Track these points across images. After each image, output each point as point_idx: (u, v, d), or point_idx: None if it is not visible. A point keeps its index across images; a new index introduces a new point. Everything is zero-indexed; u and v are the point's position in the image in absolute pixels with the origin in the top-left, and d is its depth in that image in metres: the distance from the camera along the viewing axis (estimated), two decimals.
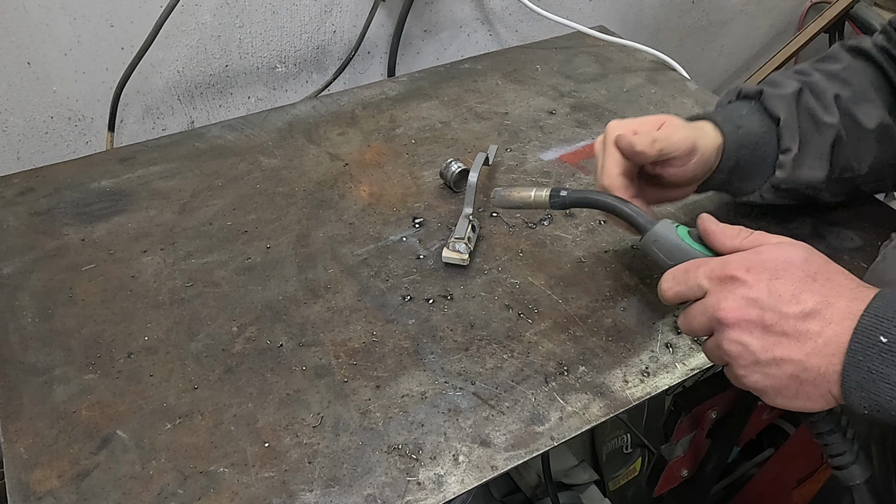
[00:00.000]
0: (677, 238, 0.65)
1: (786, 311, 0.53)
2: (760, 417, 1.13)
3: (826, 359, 0.52)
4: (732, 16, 1.78)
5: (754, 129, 0.78)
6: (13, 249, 0.83)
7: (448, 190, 0.93)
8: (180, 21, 1.06)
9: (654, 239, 0.66)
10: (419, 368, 0.72)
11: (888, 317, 0.50)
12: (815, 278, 0.54)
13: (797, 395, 0.54)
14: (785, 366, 0.54)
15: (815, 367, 0.52)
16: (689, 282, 0.60)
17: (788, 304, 0.53)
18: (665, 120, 0.74)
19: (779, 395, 0.55)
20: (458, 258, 0.81)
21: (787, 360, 0.53)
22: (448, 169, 0.92)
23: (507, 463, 0.64)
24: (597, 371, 0.72)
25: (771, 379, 0.55)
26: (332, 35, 1.22)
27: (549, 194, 0.71)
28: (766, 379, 0.55)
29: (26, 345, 0.72)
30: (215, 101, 1.18)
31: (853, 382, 0.51)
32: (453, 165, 0.92)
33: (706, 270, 0.58)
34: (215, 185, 0.93)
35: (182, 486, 0.61)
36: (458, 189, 0.93)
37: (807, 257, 0.56)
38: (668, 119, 0.74)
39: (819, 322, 0.53)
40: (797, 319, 0.53)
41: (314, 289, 0.79)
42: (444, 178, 0.93)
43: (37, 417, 0.66)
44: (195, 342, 0.73)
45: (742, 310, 0.55)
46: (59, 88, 1.03)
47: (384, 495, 0.61)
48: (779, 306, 0.54)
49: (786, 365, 0.53)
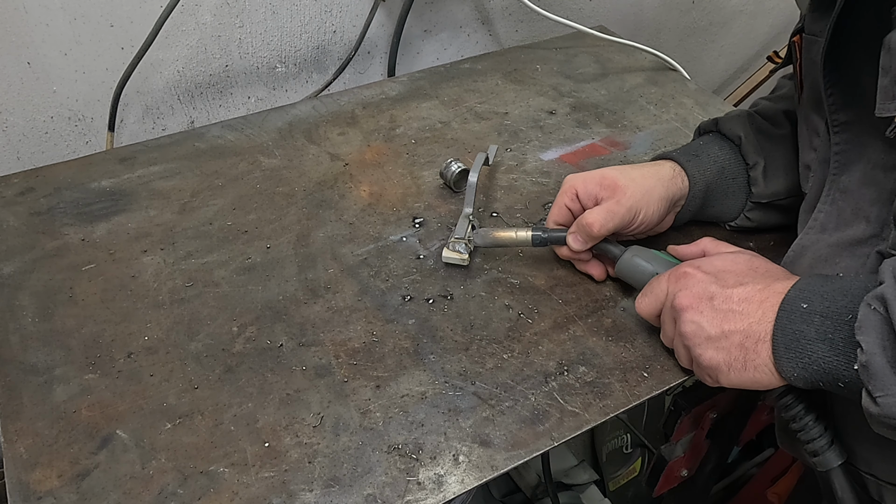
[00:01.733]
0: (651, 253, 0.75)
1: (731, 292, 0.63)
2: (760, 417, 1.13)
3: (763, 325, 0.60)
4: (732, 16, 1.77)
5: (714, 154, 0.83)
6: (13, 249, 0.83)
7: (448, 190, 0.93)
8: (180, 21, 1.06)
9: (633, 256, 0.75)
10: (419, 368, 0.72)
11: (809, 289, 0.59)
12: (757, 270, 0.66)
13: (745, 367, 0.61)
14: (733, 336, 0.62)
15: (755, 333, 0.60)
16: (656, 291, 0.70)
17: (733, 287, 0.63)
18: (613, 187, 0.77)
19: (731, 368, 0.62)
20: (459, 258, 0.81)
21: (734, 331, 0.61)
22: (448, 169, 0.92)
23: (507, 463, 0.64)
24: (597, 371, 0.72)
25: (723, 352, 0.62)
26: (332, 35, 1.22)
27: (531, 234, 0.78)
28: (718, 353, 0.63)
29: (26, 345, 0.72)
30: (215, 101, 1.18)
31: (781, 345, 0.58)
32: (453, 165, 0.92)
33: (666, 276, 0.69)
34: (215, 185, 0.93)
35: (182, 486, 0.61)
36: (458, 189, 0.93)
37: (751, 259, 0.68)
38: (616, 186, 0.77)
39: (759, 297, 0.61)
40: (741, 298, 0.62)
41: (314, 289, 0.79)
42: (444, 178, 0.93)
43: (37, 417, 0.66)
44: (195, 342, 0.73)
45: (693, 296, 0.65)
46: (59, 88, 1.03)
47: (384, 495, 0.61)
48: (724, 289, 0.63)
49: (733, 336, 0.61)
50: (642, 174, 0.79)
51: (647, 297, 0.71)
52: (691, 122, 1.09)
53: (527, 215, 0.90)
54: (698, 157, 0.83)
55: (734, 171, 0.83)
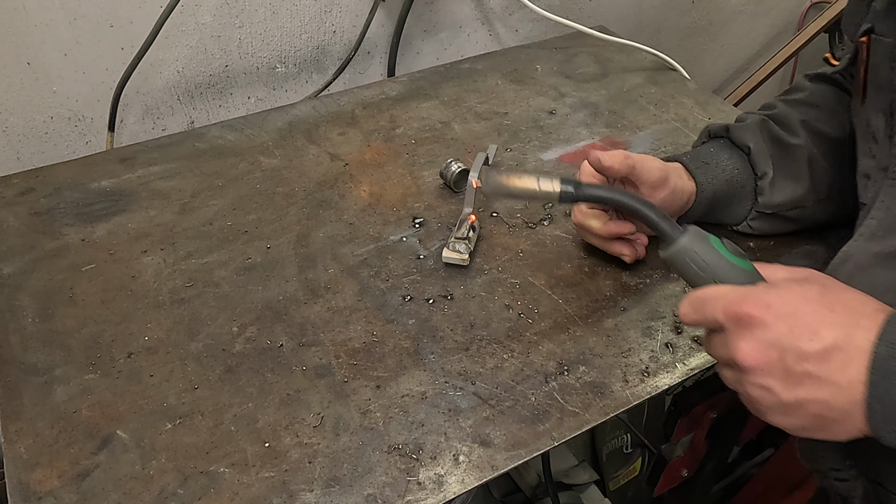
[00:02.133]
0: (712, 249, 0.59)
1: (806, 349, 0.51)
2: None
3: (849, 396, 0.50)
4: (732, 16, 1.77)
5: (723, 163, 0.82)
6: (13, 249, 0.83)
7: (448, 190, 0.93)
8: (180, 21, 1.06)
9: (686, 248, 0.59)
10: (419, 368, 0.72)
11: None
12: (833, 309, 0.52)
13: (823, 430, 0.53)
14: (810, 406, 0.52)
15: (839, 405, 0.51)
16: (706, 314, 0.56)
17: (808, 342, 0.51)
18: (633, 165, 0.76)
19: (805, 431, 0.54)
20: (459, 258, 0.81)
21: (811, 400, 0.52)
22: (448, 169, 0.92)
23: (507, 463, 0.64)
24: (597, 371, 0.72)
25: (797, 419, 0.53)
26: (332, 35, 1.22)
27: (559, 186, 0.62)
28: (791, 419, 0.54)
29: (26, 345, 0.72)
30: (215, 101, 1.18)
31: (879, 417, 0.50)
32: (453, 165, 0.92)
33: (723, 304, 0.55)
34: (215, 185, 0.93)
35: (182, 486, 0.61)
36: (458, 189, 0.93)
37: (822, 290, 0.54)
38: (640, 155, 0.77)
39: (840, 358, 0.50)
40: (818, 358, 0.51)
41: (314, 289, 0.79)
42: (444, 178, 0.93)
43: (37, 417, 0.66)
44: (195, 342, 0.73)
45: (762, 353, 0.52)
46: (59, 88, 1.03)
47: (384, 495, 0.61)
48: (799, 345, 0.51)
49: (810, 405, 0.52)
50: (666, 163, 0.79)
51: (696, 317, 0.58)
52: (691, 122, 1.09)
53: (527, 215, 0.90)
54: (708, 164, 0.82)
55: (742, 180, 0.83)
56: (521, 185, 0.62)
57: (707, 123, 0.89)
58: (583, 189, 0.62)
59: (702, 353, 0.75)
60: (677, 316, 0.62)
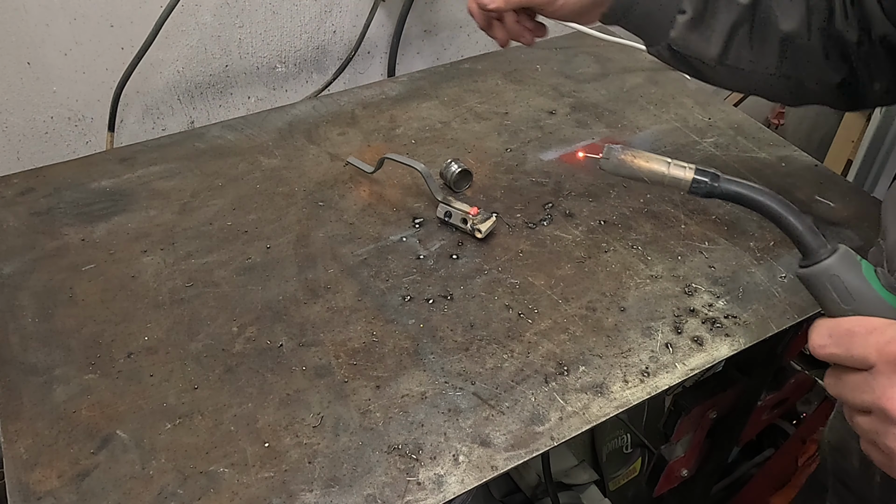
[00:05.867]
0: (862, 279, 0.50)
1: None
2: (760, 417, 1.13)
3: None
4: None
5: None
6: (13, 249, 0.83)
7: (448, 190, 0.93)
8: (180, 21, 1.06)
9: (832, 273, 0.51)
10: (419, 368, 0.72)
11: None
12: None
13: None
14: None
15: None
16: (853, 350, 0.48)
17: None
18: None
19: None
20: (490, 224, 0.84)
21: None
22: (448, 169, 0.92)
23: (507, 463, 0.64)
24: (597, 371, 0.72)
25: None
26: (332, 35, 1.22)
27: (693, 175, 0.54)
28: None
29: (26, 345, 0.72)
30: (215, 101, 1.18)
31: None
32: (453, 165, 0.92)
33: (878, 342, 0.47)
34: (215, 185, 0.93)
35: (182, 486, 0.61)
36: (458, 189, 0.93)
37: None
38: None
39: None
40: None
41: (314, 289, 0.79)
42: (444, 178, 0.93)
43: (37, 417, 0.66)
44: (195, 342, 0.73)
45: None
46: (59, 88, 1.03)
47: (384, 495, 0.61)
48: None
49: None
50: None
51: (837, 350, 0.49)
52: (691, 122, 1.09)
53: (527, 215, 0.90)
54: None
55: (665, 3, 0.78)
56: (649, 167, 0.55)
57: (707, 123, 0.88)
58: (721, 183, 0.53)
59: (702, 354, 0.75)
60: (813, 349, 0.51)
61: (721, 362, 0.76)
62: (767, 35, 0.75)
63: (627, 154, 0.55)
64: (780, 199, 0.52)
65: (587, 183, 0.96)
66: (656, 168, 0.55)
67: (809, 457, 1.29)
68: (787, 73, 0.77)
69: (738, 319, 0.78)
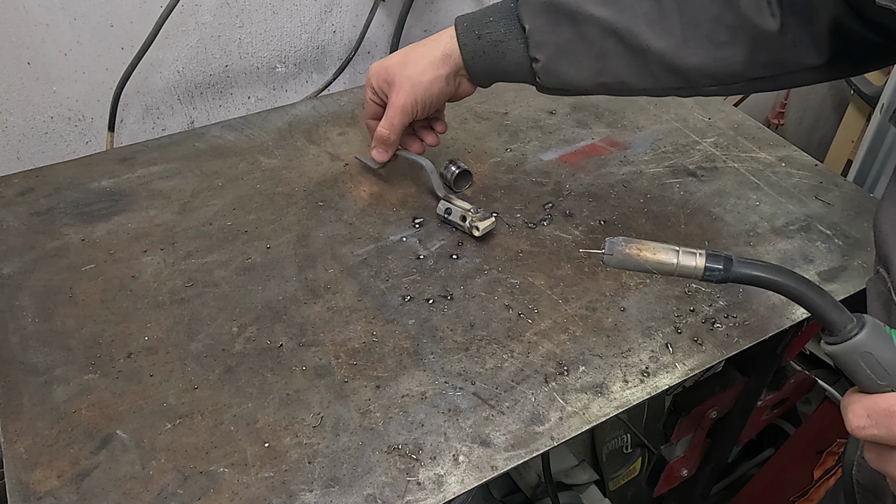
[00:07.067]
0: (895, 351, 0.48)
1: None
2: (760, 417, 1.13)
3: None
4: None
5: (498, 37, 0.78)
6: (13, 249, 0.83)
7: (448, 190, 0.93)
8: (180, 21, 1.06)
9: (863, 350, 0.48)
10: (419, 368, 0.72)
11: None
12: None
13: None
14: None
15: None
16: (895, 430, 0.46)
17: None
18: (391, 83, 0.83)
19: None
20: (490, 223, 0.85)
21: None
22: (448, 169, 0.92)
23: (507, 463, 0.64)
24: (597, 371, 0.72)
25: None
26: (332, 35, 1.22)
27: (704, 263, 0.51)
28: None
29: (26, 345, 0.72)
30: (215, 101, 1.18)
31: None
32: (453, 166, 0.92)
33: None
34: (215, 185, 0.93)
35: (182, 486, 0.61)
36: (457, 189, 0.93)
37: None
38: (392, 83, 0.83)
39: None
40: None
41: (314, 289, 0.79)
42: (444, 178, 0.93)
43: (37, 417, 0.66)
44: (195, 342, 0.73)
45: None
46: (59, 88, 1.03)
47: (384, 495, 0.61)
48: None
49: None
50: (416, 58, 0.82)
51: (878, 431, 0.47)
52: (691, 122, 1.09)
53: (527, 215, 0.90)
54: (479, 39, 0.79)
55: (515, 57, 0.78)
56: (656, 259, 0.51)
57: (707, 123, 0.88)
58: (735, 267, 0.50)
59: (701, 354, 0.75)
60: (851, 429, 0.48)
61: (721, 362, 0.76)
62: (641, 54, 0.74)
63: (632, 247, 0.51)
64: (799, 277, 0.50)
65: (587, 183, 0.96)
66: (664, 259, 0.51)
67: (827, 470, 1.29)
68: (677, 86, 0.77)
69: (738, 319, 0.78)
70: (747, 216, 0.92)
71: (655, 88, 0.77)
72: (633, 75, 0.75)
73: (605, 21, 0.73)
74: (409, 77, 0.82)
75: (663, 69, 0.74)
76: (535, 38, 0.76)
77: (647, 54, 0.73)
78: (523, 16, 0.76)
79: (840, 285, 0.83)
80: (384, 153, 0.89)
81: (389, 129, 0.85)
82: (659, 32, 0.72)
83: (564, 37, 0.75)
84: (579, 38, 0.75)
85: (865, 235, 0.90)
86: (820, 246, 0.88)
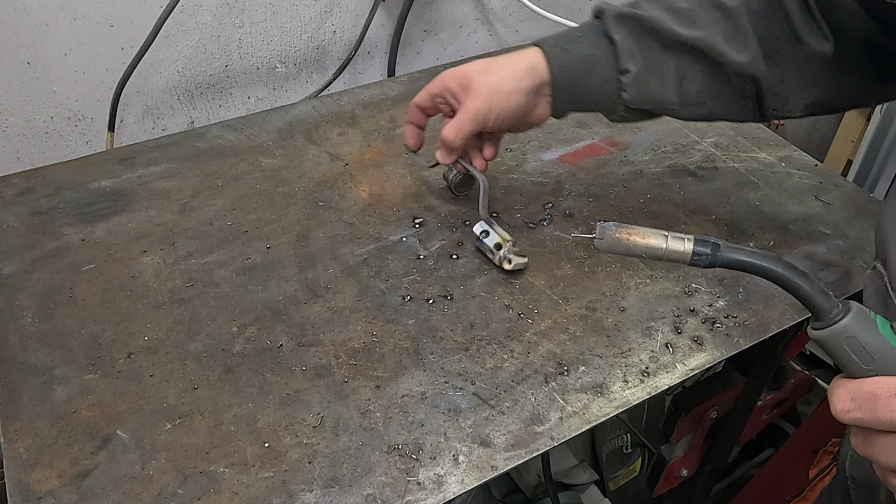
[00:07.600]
0: (880, 337, 0.48)
1: None
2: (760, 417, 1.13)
3: None
4: None
5: (586, 51, 0.78)
6: (13, 249, 0.83)
7: (448, 190, 0.93)
8: (180, 21, 1.06)
9: (848, 335, 0.49)
10: (419, 368, 0.72)
11: None
12: None
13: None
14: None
15: None
16: (879, 414, 0.46)
17: None
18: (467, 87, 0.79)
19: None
20: (523, 262, 0.81)
21: None
22: (451, 171, 0.92)
23: (507, 463, 0.64)
24: (597, 371, 0.72)
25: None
26: (332, 35, 1.22)
27: (692, 247, 0.52)
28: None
29: (26, 345, 0.72)
30: (215, 101, 1.18)
31: None
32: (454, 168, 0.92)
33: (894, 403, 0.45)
34: (215, 185, 0.93)
35: (182, 486, 0.61)
36: (459, 192, 0.93)
37: None
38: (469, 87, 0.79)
39: None
40: None
41: (314, 289, 0.79)
42: (446, 179, 0.92)
43: (37, 417, 0.66)
44: (195, 342, 0.73)
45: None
46: (59, 88, 1.03)
47: (384, 495, 0.61)
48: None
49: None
50: (498, 67, 0.79)
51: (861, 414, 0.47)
52: (691, 121, 1.09)
53: (527, 215, 0.90)
54: (569, 53, 0.78)
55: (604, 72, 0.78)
56: (645, 243, 0.53)
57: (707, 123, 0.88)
58: (722, 252, 0.51)
59: (702, 354, 0.75)
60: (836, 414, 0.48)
61: (721, 362, 0.77)
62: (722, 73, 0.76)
63: (622, 231, 0.53)
64: (785, 262, 0.51)
65: (587, 183, 0.96)
66: (653, 243, 0.52)
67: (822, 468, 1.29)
68: None
69: (738, 319, 0.78)
70: (747, 216, 0.92)
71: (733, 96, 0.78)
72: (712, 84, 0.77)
73: (686, 37, 0.75)
74: (490, 83, 0.78)
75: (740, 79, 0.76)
76: (625, 49, 0.76)
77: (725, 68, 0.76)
78: (611, 30, 0.77)
79: (840, 285, 0.83)
80: (447, 157, 0.85)
81: (456, 133, 0.80)
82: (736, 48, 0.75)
83: (650, 49, 0.76)
84: (663, 50, 0.76)
85: (865, 235, 0.90)
86: (820, 246, 0.88)
